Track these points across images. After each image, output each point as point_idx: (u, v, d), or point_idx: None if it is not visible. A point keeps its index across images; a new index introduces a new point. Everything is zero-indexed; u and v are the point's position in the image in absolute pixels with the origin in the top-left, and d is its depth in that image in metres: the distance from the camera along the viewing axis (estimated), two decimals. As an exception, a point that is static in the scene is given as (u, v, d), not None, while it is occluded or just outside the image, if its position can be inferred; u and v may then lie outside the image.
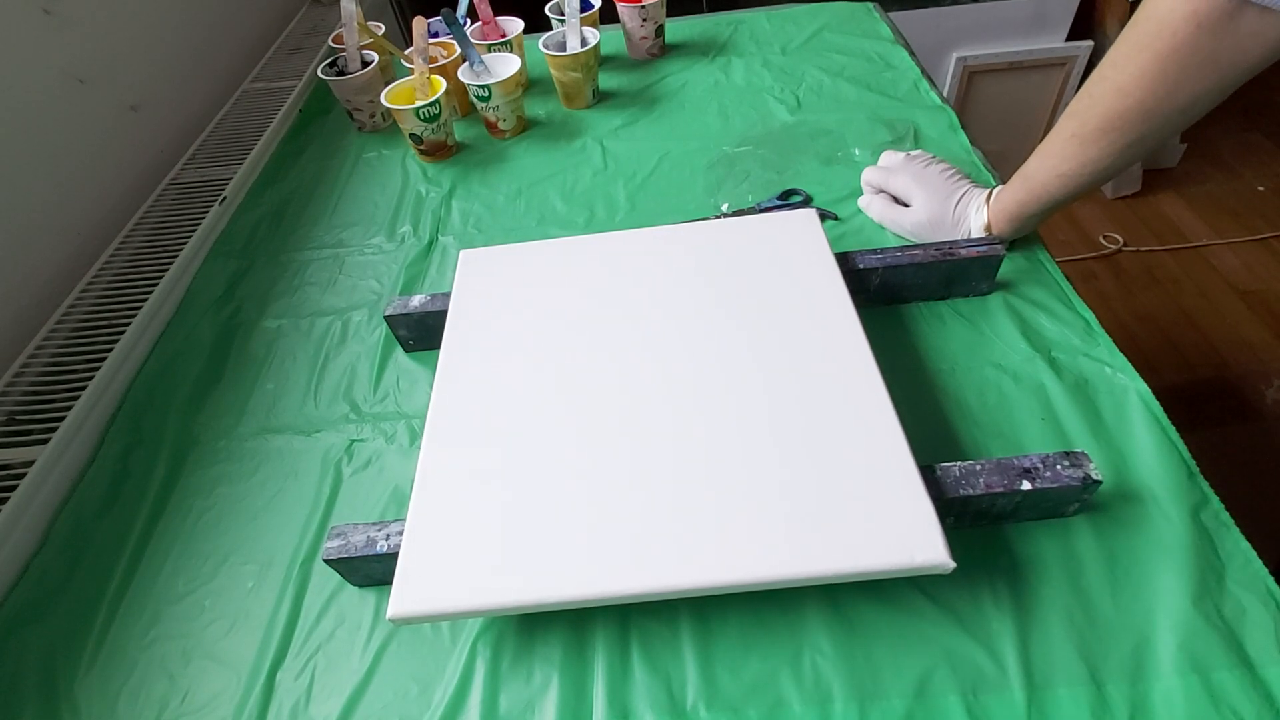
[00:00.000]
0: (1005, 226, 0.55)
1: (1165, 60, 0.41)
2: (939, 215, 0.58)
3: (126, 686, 0.42)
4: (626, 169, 0.75)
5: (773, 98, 0.82)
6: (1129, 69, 0.43)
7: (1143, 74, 0.42)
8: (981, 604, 0.39)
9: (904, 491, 0.37)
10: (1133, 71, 0.43)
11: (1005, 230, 0.55)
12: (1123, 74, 0.43)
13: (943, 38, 1.52)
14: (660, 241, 0.55)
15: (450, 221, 0.73)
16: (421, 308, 0.55)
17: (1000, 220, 0.55)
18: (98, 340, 0.62)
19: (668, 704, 0.38)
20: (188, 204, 0.77)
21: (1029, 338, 0.52)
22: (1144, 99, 0.43)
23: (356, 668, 0.41)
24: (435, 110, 0.76)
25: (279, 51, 1.05)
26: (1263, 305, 1.46)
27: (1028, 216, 0.54)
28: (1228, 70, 0.40)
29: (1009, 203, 0.54)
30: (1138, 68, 0.42)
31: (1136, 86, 0.43)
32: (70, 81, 0.72)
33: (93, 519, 0.51)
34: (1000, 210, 0.55)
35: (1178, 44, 0.40)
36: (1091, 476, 0.39)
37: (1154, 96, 0.42)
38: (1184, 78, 0.41)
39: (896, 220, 0.61)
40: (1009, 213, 0.54)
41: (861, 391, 0.42)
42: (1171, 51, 0.40)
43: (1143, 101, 0.43)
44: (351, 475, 0.51)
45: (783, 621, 0.40)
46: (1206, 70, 0.40)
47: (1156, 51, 0.41)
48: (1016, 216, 0.54)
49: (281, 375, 0.60)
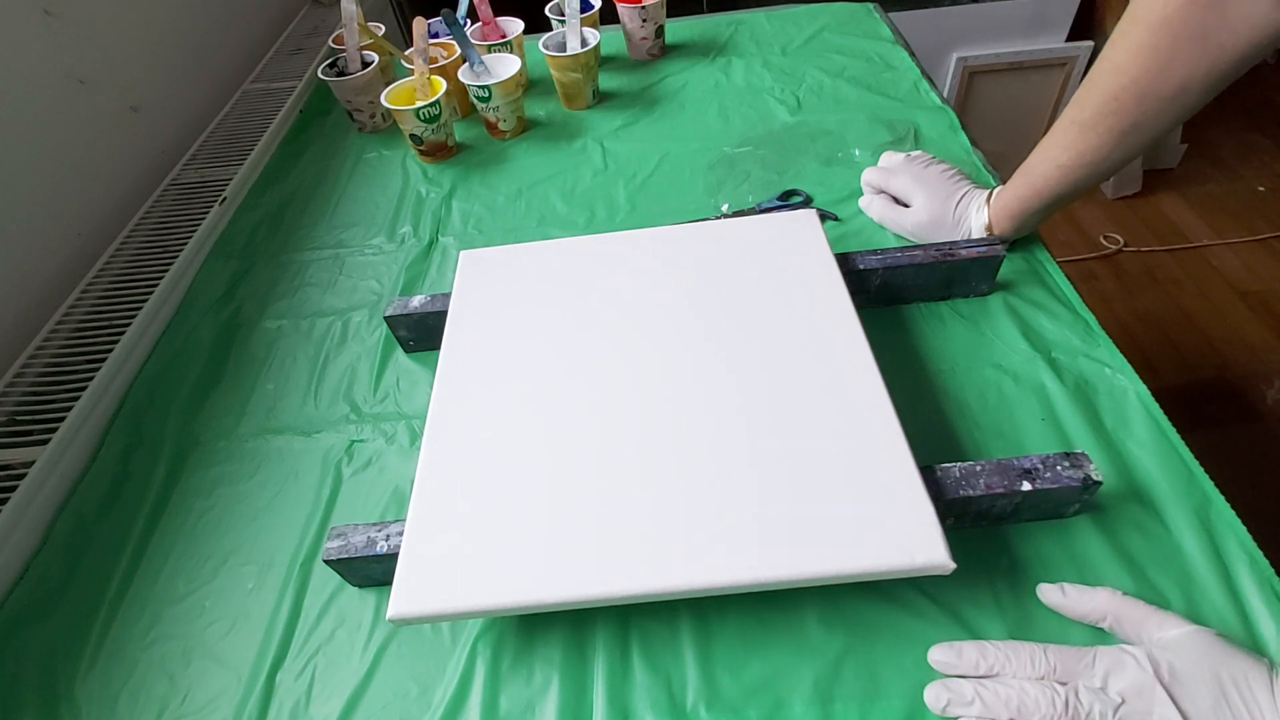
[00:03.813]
0: (1006, 225, 0.55)
1: (1157, 33, 0.42)
2: (939, 215, 0.57)
3: (126, 687, 0.42)
4: (627, 169, 0.75)
5: (773, 98, 0.82)
6: (1123, 45, 0.44)
7: (1137, 49, 0.43)
8: (981, 604, 0.39)
9: (904, 492, 0.37)
10: (1127, 47, 0.44)
11: (1006, 229, 0.55)
12: (1118, 51, 0.45)
13: (943, 38, 1.52)
14: (660, 242, 0.55)
15: (450, 222, 0.73)
16: (421, 308, 0.55)
17: (1001, 218, 0.55)
18: (98, 341, 0.62)
19: (668, 705, 0.38)
20: (188, 204, 0.77)
21: (1029, 338, 0.52)
22: (1138, 77, 0.44)
23: (356, 668, 0.41)
24: (435, 111, 0.76)
25: (279, 52, 1.05)
26: (1263, 306, 1.46)
27: (1029, 214, 0.53)
28: (1217, 52, 0.41)
29: (1010, 200, 0.54)
30: (1131, 42, 0.44)
31: (1130, 63, 0.44)
32: (71, 82, 0.72)
33: (93, 519, 0.52)
34: (1001, 208, 0.55)
35: (1169, 15, 0.41)
36: (1091, 477, 0.39)
37: (1147, 74, 0.43)
38: (1175, 53, 0.42)
39: (897, 220, 0.61)
40: (1010, 210, 0.54)
41: (861, 392, 0.42)
42: (1163, 23, 0.42)
43: (1137, 80, 0.44)
44: (351, 476, 0.51)
45: (783, 622, 0.40)
46: (1197, 48, 0.41)
47: (1149, 24, 0.42)
48: (1018, 214, 0.54)
49: (282, 376, 0.60)
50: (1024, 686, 0.34)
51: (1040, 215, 0.54)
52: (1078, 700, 0.33)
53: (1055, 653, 0.35)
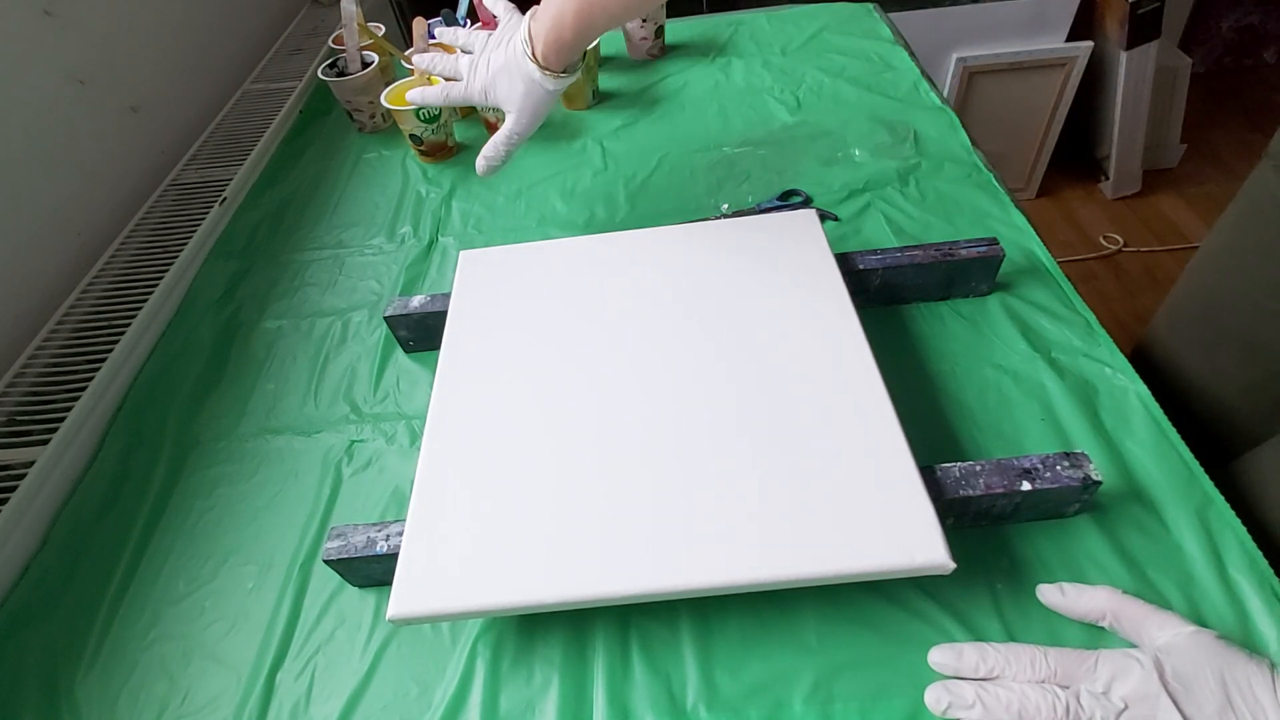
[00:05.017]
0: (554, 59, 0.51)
1: None
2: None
3: (126, 687, 0.42)
4: (626, 169, 0.75)
5: (773, 98, 0.82)
6: None
7: None
8: (981, 604, 0.39)
9: (904, 492, 0.37)
10: None
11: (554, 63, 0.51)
12: None
13: (943, 38, 1.52)
14: (660, 242, 0.55)
15: (450, 222, 0.73)
16: (421, 308, 0.55)
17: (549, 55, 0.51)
18: (98, 341, 0.62)
19: (668, 705, 0.38)
20: (188, 205, 0.77)
21: (1029, 338, 0.52)
22: None
23: (356, 668, 0.41)
24: (435, 111, 0.76)
25: (279, 52, 1.05)
26: (1263, 305, 1.46)
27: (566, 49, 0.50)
28: None
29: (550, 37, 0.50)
30: None
31: None
32: (71, 82, 0.72)
33: (93, 520, 0.52)
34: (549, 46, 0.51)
35: None
36: (1091, 477, 0.39)
37: None
38: None
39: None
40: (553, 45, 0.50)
41: (861, 392, 0.42)
42: None
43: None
44: (351, 476, 0.51)
45: (783, 622, 0.40)
46: None
47: None
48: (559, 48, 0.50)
49: (281, 376, 0.60)
50: (1025, 690, 0.34)
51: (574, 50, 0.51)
52: (1079, 705, 0.33)
53: (1056, 656, 0.35)
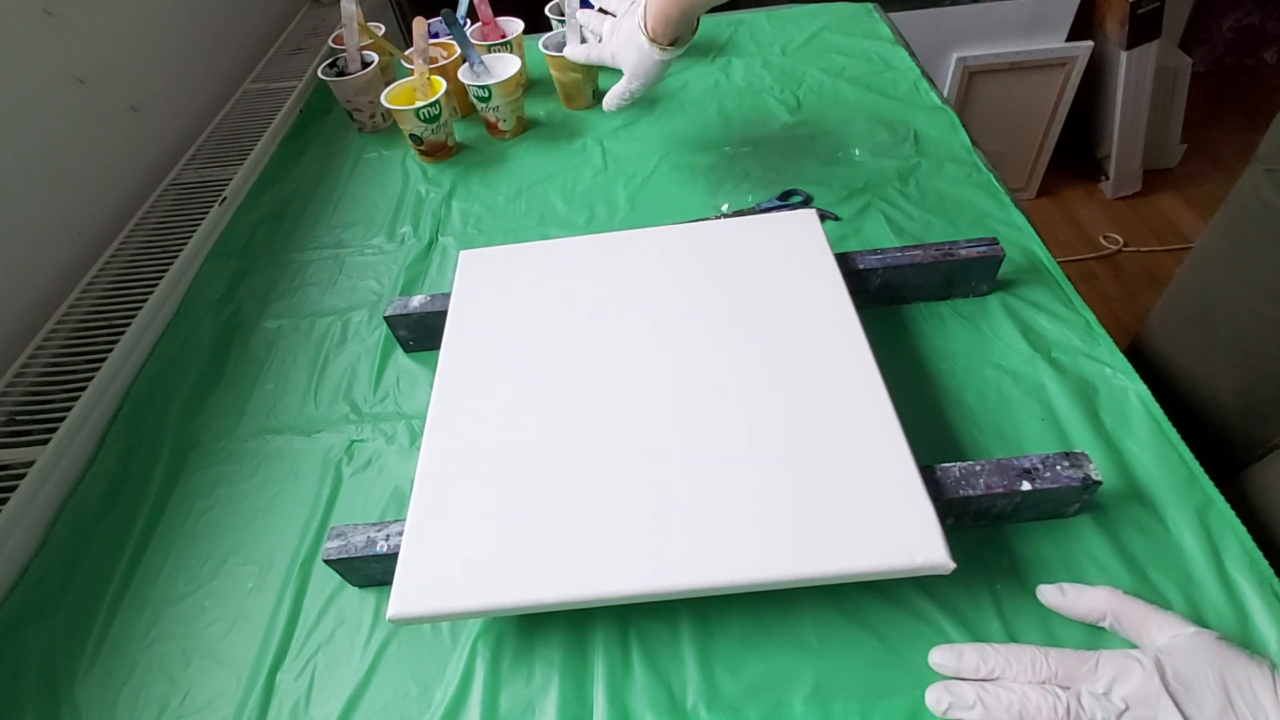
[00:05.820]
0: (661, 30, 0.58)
1: None
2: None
3: (126, 687, 0.42)
4: (626, 169, 0.75)
5: (773, 98, 0.82)
6: None
7: None
8: (981, 604, 0.39)
9: (904, 492, 0.37)
10: None
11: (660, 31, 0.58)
12: None
13: (943, 38, 1.52)
14: (660, 242, 0.55)
15: (450, 222, 0.73)
16: (421, 308, 0.55)
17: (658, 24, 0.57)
18: (98, 341, 0.62)
19: (668, 705, 0.38)
20: (188, 204, 0.77)
21: (1029, 338, 0.52)
22: None
23: (356, 668, 0.41)
24: (435, 111, 0.76)
25: (279, 52, 1.05)
26: (1263, 305, 1.46)
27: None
28: None
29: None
30: None
31: None
32: (71, 82, 0.72)
33: (93, 519, 0.51)
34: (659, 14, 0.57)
35: None
36: (1091, 477, 0.39)
37: None
38: None
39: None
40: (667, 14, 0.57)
41: (861, 392, 0.42)
42: None
43: None
44: (351, 475, 0.51)
45: (783, 622, 0.40)
46: None
47: None
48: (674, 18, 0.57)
49: (281, 376, 0.60)
50: (1025, 691, 0.34)
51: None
52: (1079, 706, 0.33)
53: (1057, 657, 0.35)
